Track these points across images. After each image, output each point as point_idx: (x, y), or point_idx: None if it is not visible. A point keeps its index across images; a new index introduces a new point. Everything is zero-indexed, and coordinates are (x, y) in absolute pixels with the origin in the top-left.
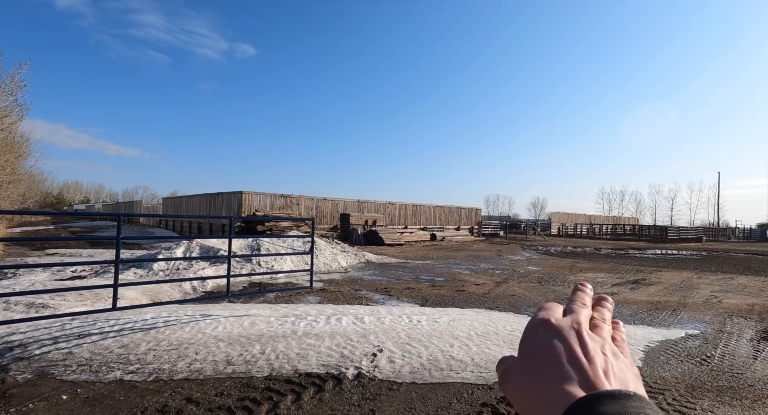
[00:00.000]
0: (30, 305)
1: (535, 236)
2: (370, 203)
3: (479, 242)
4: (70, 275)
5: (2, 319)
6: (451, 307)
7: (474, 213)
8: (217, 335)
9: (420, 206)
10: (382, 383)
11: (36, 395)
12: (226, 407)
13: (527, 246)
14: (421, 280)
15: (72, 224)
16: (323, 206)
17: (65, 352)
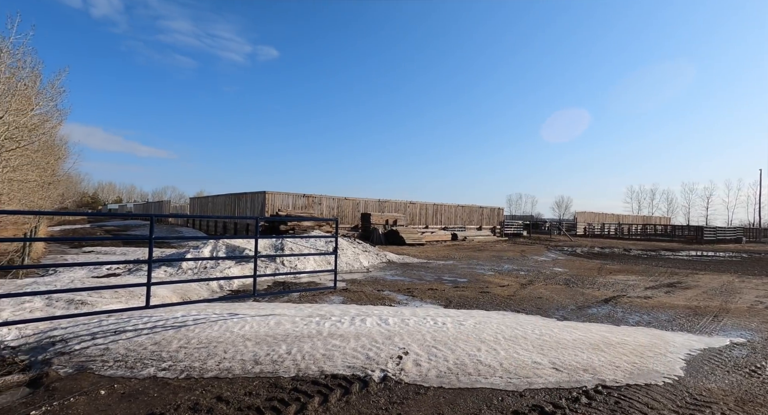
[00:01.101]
0: (70, 302)
1: (560, 236)
2: (390, 203)
3: (502, 242)
4: (105, 272)
5: (44, 315)
6: (475, 309)
7: (496, 213)
8: (244, 334)
9: (441, 206)
10: (408, 387)
11: (76, 390)
12: (255, 407)
13: (552, 246)
14: (444, 281)
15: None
16: (344, 206)
17: (102, 348)
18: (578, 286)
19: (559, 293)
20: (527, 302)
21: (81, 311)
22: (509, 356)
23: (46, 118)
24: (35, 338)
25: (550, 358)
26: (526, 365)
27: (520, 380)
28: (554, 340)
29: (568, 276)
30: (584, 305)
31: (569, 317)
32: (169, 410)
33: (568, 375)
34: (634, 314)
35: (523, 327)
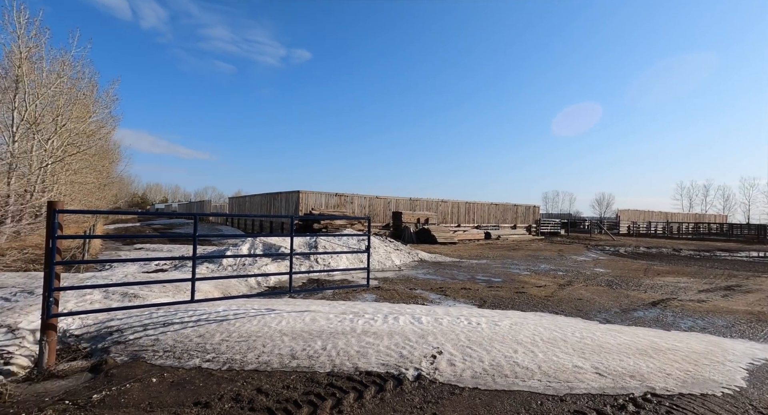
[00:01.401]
0: (124, 295)
1: (601, 235)
2: (422, 201)
3: (538, 241)
4: (154, 268)
5: (102, 306)
6: (511, 309)
7: (532, 211)
8: (281, 329)
9: (473, 204)
10: (443, 387)
11: (131, 377)
12: (292, 401)
13: (592, 246)
14: (477, 280)
15: (154, 222)
16: (376, 204)
17: (153, 338)
18: (622, 287)
19: (601, 295)
20: (566, 303)
21: (134, 304)
22: (548, 358)
23: (101, 124)
24: (95, 327)
25: (592, 362)
26: (567, 369)
27: (560, 385)
28: (596, 344)
29: (611, 277)
30: (629, 308)
31: (613, 320)
32: (214, 400)
33: (612, 381)
34: (686, 319)
35: (562, 329)
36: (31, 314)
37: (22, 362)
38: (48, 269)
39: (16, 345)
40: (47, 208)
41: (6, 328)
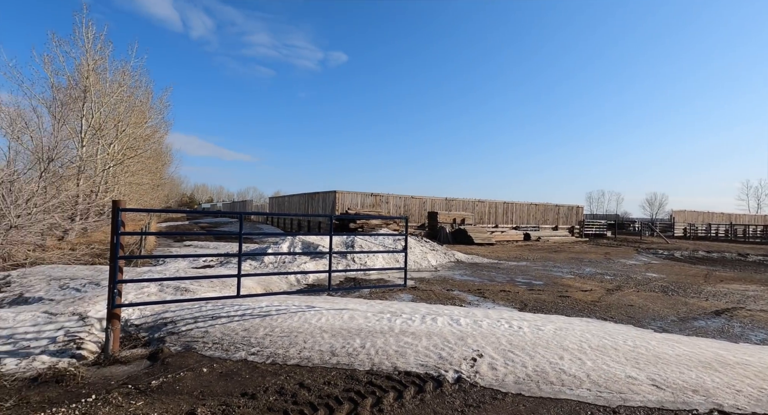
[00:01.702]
0: (177, 289)
1: (653, 237)
2: (457, 201)
3: (581, 243)
4: (202, 264)
5: (158, 299)
6: (554, 314)
7: (575, 211)
8: (321, 326)
9: (512, 204)
10: (484, 391)
11: (184, 366)
12: (333, 397)
13: (643, 249)
14: (517, 282)
15: (201, 220)
16: (411, 204)
17: (203, 331)
18: (679, 294)
19: (655, 302)
20: (615, 309)
21: (185, 297)
22: (597, 367)
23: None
24: (152, 318)
25: (647, 373)
26: (619, 379)
27: (612, 395)
28: (652, 354)
29: (666, 283)
30: (688, 317)
31: (669, 328)
32: (259, 392)
33: (672, 395)
34: (757, 331)
35: (612, 337)
36: (98, 303)
37: (91, 347)
38: (113, 262)
39: (86, 332)
40: (112, 206)
41: (77, 316)
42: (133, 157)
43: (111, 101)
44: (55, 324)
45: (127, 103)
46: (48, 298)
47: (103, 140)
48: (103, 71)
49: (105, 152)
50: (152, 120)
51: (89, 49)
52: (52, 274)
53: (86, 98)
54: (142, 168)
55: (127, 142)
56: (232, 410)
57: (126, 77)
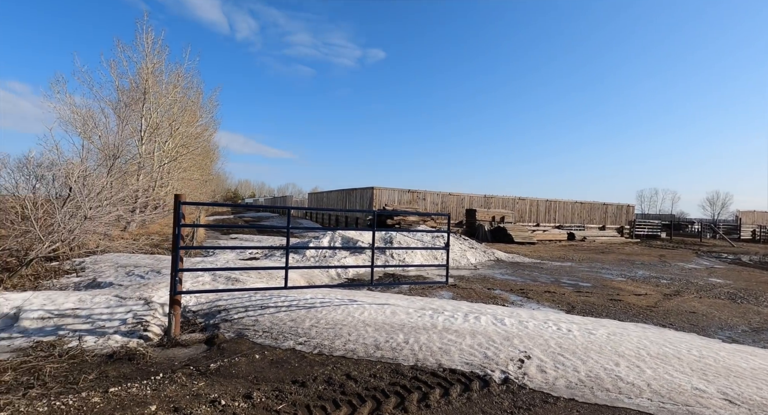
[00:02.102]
0: (228, 279)
1: (715, 239)
2: (497, 199)
3: (631, 244)
4: (248, 256)
5: (211, 288)
6: (605, 318)
7: (624, 210)
8: (364, 319)
9: (554, 202)
10: (534, 393)
11: (238, 351)
12: (380, 389)
13: (704, 252)
14: (563, 284)
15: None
16: (448, 201)
17: (253, 319)
18: (750, 302)
19: (722, 309)
20: (675, 316)
21: (237, 287)
22: (658, 376)
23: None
24: (207, 306)
25: (717, 386)
26: (684, 391)
27: (677, 408)
28: (721, 365)
29: (733, 289)
30: (763, 328)
31: (740, 339)
32: (309, 380)
33: (748, 411)
34: None
35: (674, 345)
36: (160, 290)
37: (156, 329)
38: (175, 252)
39: (151, 315)
40: (174, 200)
41: (143, 300)
42: (185, 154)
43: (167, 102)
44: (124, 307)
45: (180, 103)
46: (117, 283)
47: (159, 138)
48: (159, 74)
49: (160, 150)
50: (202, 119)
51: (148, 53)
52: (118, 261)
53: (145, 99)
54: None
55: (180, 140)
56: (285, 395)
57: (180, 79)
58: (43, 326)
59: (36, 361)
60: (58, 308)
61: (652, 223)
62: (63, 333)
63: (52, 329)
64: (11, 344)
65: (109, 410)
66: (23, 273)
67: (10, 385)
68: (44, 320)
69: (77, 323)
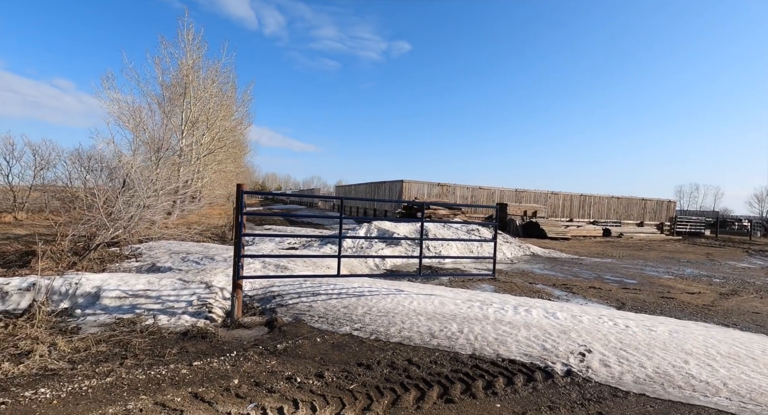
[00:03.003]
0: (277, 266)
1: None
2: (528, 193)
3: (673, 241)
4: (287, 245)
5: (261, 274)
6: (661, 315)
7: (665, 206)
8: (414, 309)
9: (589, 197)
10: (601, 387)
11: (299, 334)
12: (443, 375)
13: (755, 251)
14: (606, 280)
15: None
16: (478, 195)
17: (307, 305)
18: None
19: None
20: (737, 315)
21: (291, 274)
22: (734, 376)
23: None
24: (261, 291)
25: None
26: (766, 392)
27: (761, 409)
28: None
29: None
30: None
31: None
32: (373, 363)
33: None
34: None
35: (745, 345)
36: (217, 275)
37: (218, 311)
38: (237, 239)
39: (213, 298)
40: (236, 190)
41: (204, 284)
42: (221, 148)
43: (205, 96)
44: (188, 290)
45: (217, 97)
46: (176, 268)
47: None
48: (198, 69)
49: (198, 143)
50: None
51: (189, 49)
52: (170, 248)
53: (185, 94)
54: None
55: (217, 134)
56: (353, 376)
57: (217, 74)
58: (121, 305)
59: (122, 335)
60: (132, 289)
61: (695, 220)
62: (139, 311)
63: (128, 307)
64: (97, 320)
65: (198, 381)
66: (91, 257)
67: (107, 355)
68: (121, 299)
69: (149, 303)
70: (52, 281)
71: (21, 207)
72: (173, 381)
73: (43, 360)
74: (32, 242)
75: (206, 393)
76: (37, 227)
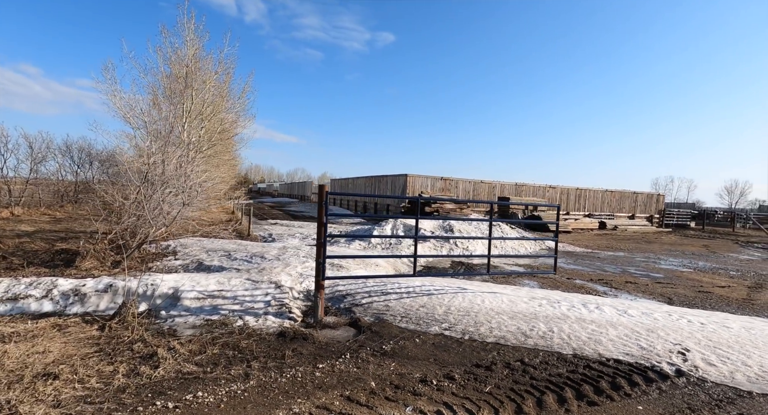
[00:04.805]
0: (332, 265)
1: (747, 229)
2: (528, 187)
3: (665, 233)
4: (311, 242)
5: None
6: (712, 310)
7: (654, 199)
8: (492, 308)
9: (585, 190)
10: (721, 388)
11: (393, 335)
12: (564, 376)
13: (746, 243)
14: (633, 274)
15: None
16: (480, 189)
17: (383, 305)
18: None
19: None
20: None
21: (375, 274)
22: None
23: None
24: (329, 291)
25: None
26: None
27: None
28: None
29: None
30: None
31: None
32: (489, 365)
33: None
34: None
35: None
36: (281, 274)
37: (297, 312)
38: (321, 239)
39: (288, 299)
40: (318, 191)
41: (274, 284)
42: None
43: (208, 88)
44: (260, 290)
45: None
46: (228, 267)
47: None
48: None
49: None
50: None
51: (189, 39)
52: (204, 245)
53: (186, 85)
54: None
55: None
56: (481, 378)
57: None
58: (201, 306)
59: (225, 337)
60: (206, 290)
61: (682, 212)
62: (224, 313)
63: (210, 308)
64: (186, 321)
65: (337, 383)
66: (134, 256)
67: (228, 357)
68: (200, 300)
69: (227, 303)
70: (127, 282)
71: (18, 202)
72: (315, 384)
73: (175, 363)
74: (55, 239)
75: (357, 396)
76: (38, 222)
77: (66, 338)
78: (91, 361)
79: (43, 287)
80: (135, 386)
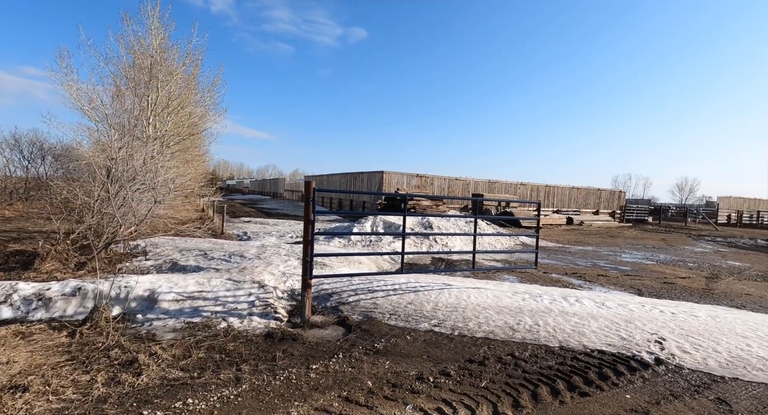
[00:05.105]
0: (316, 264)
1: (698, 223)
2: (500, 184)
3: (627, 228)
4: (290, 240)
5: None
6: (677, 300)
7: (616, 196)
8: (477, 303)
9: (553, 187)
10: (696, 373)
11: (383, 333)
12: (554, 369)
13: (696, 236)
14: (603, 267)
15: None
16: (454, 186)
17: (370, 303)
18: None
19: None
20: (737, 297)
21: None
22: None
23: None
24: (314, 290)
25: None
26: None
27: None
28: None
29: (760, 272)
30: None
31: None
32: (482, 360)
33: None
34: None
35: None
36: (263, 274)
37: (282, 312)
38: (308, 237)
39: (272, 299)
40: (305, 188)
41: (257, 284)
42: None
43: (175, 80)
44: (243, 290)
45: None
46: (205, 267)
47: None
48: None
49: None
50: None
51: (155, 28)
52: (176, 245)
53: (152, 76)
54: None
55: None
56: (476, 373)
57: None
58: (181, 308)
59: (209, 340)
60: (185, 291)
61: (640, 208)
62: (206, 315)
63: (190, 310)
64: (166, 325)
65: (333, 384)
66: (101, 256)
67: (215, 361)
68: (179, 302)
69: (209, 305)
70: (98, 284)
71: None
72: (311, 386)
73: (159, 370)
74: (6, 239)
75: (355, 396)
76: None
77: (32, 347)
78: (64, 370)
79: (1, 292)
80: (117, 395)
